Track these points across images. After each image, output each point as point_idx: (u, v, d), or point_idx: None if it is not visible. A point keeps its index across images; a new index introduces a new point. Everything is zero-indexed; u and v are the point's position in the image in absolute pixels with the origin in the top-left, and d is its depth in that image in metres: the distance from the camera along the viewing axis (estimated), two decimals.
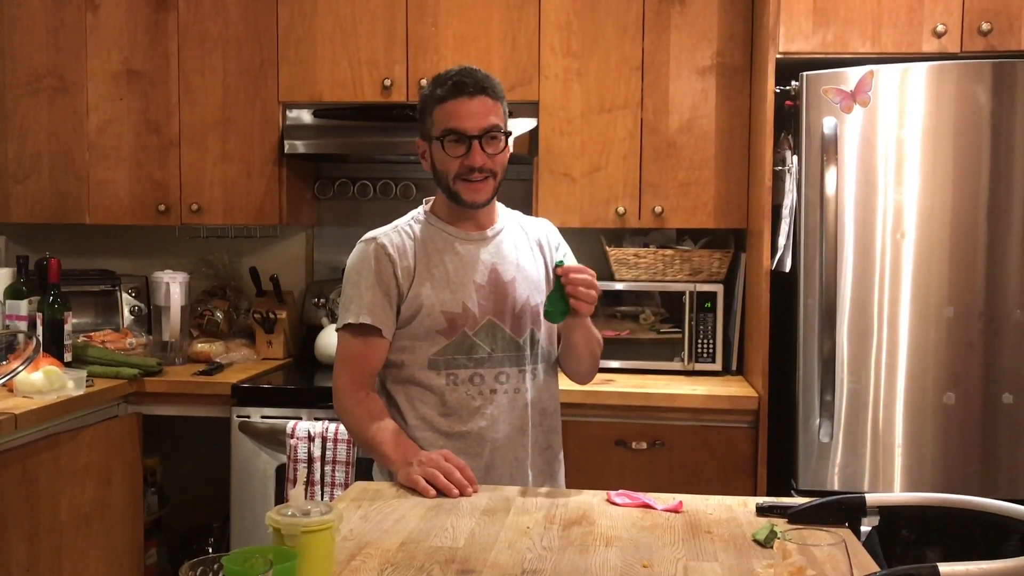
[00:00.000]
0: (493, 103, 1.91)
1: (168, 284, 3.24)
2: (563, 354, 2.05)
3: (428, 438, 1.93)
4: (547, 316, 1.86)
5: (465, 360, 1.94)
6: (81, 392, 2.72)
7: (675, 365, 3.11)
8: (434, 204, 2.05)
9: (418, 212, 2.05)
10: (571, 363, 2.06)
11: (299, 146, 3.23)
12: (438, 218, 2.01)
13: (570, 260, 2.04)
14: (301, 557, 1.17)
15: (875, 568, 1.33)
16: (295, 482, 2.73)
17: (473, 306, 1.94)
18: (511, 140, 1.98)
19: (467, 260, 1.97)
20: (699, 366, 3.10)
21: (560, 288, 1.82)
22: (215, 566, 1.07)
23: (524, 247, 2.04)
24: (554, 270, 1.85)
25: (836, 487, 2.60)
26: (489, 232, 2.01)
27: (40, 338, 2.84)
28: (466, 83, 1.88)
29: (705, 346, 3.10)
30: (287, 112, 3.27)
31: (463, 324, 1.93)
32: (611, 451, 2.81)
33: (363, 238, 2.01)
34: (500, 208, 2.08)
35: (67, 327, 2.94)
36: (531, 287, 2.00)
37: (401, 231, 1.99)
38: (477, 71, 1.92)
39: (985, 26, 2.63)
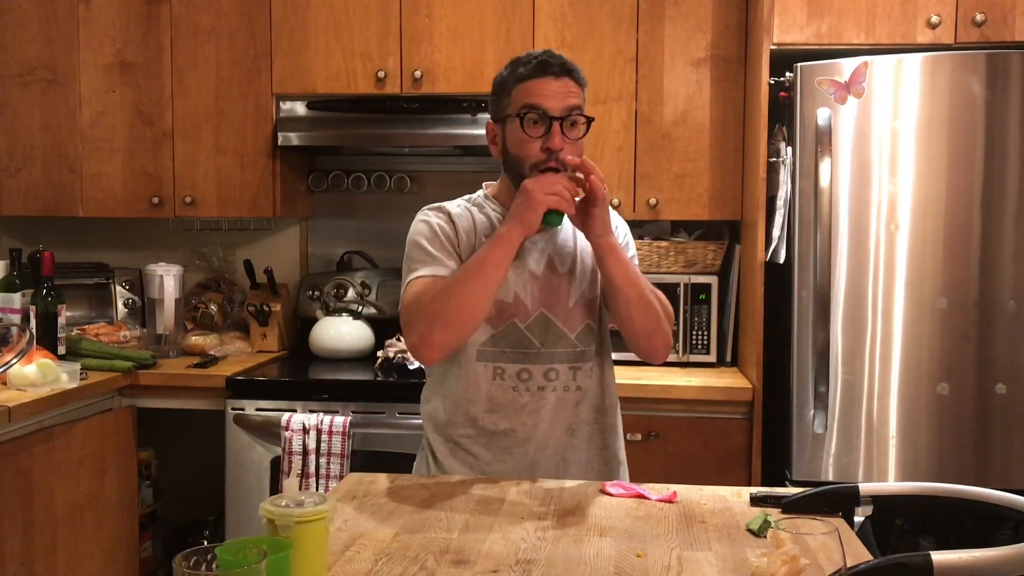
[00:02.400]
0: (577, 87, 1.82)
1: (162, 277, 3.24)
2: (610, 305, 1.86)
3: (469, 435, 1.86)
4: (544, 222, 1.74)
5: (514, 354, 1.83)
6: (75, 385, 2.71)
7: (671, 357, 3.10)
8: (497, 190, 1.94)
9: (477, 196, 1.95)
10: (620, 312, 1.83)
11: (293, 138, 3.23)
12: (500, 204, 1.90)
13: (627, 240, 1.96)
14: (295, 547, 1.16)
15: (868, 557, 1.34)
16: (289, 474, 2.73)
17: (526, 297, 1.84)
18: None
19: (525, 248, 1.83)
20: (694, 358, 3.11)
21: None
22: (209, 556, 1.06)
23: (584, 237, 1.89)
24: None
25: (831, 478, 2.61)
26: (549, 230, 1.88)
27: (33, 331, 2.83)
28: (551, 63, 1.79)
29: (700, 338, 3.10)
30: (281, 104, 3.26)
31: (513, 314, 1.83)
32: None
33: (427, 207, 1.91)
34: None
35: (61, 320, 2.93)
36: (588, 281, 1.89)
37: (463, 207, 1.90)
38: (562, 56, 1.83)
39: (979, 17, 2.63)
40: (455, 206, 1.91)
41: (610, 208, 1.96)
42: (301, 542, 1.18)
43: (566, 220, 1.84)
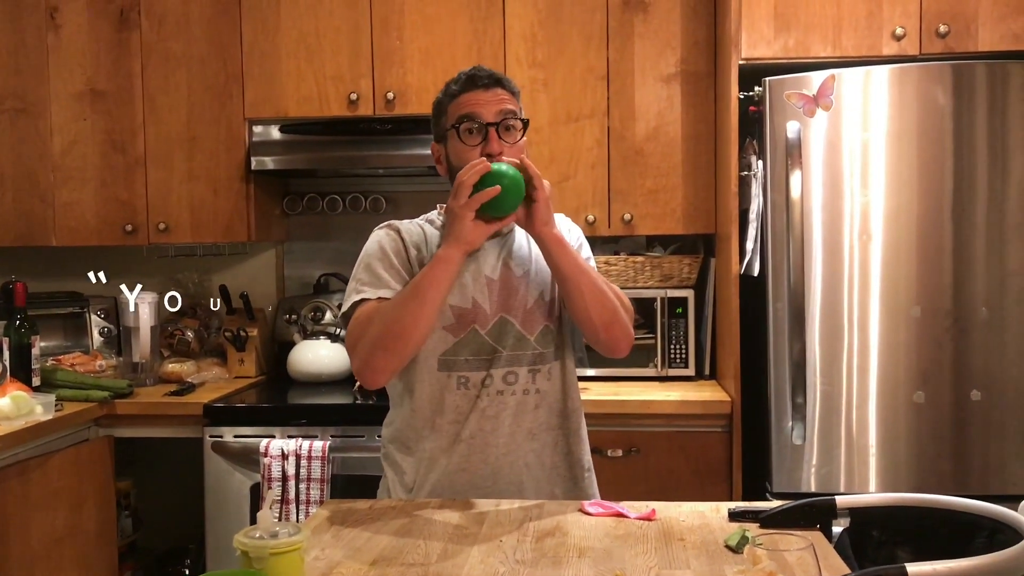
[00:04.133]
0: (508, 95, 1.85)
1: (137, 305, 3.21)
2: (564, 298, 1.86)
3: (436, 447, 1.85)
4: (492, 210, 1.72)
5: (477, 361, 1.84)
6: (50, 417, 2.68)
7: (649, 371, 3.12)
8: None
9: (431, 214, 1.98)
10: (574, 304, 1.82)
11: (267, 162, 3.22)
12: None
13: (580, 242, 1.97)
14: None
15: (846, 570, 1.34)
16: (268, 502, 2.71)
17: (484, 302, 1.85)
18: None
19: (479, 256, 1.86)
20: (672, 372, 3.12)
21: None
22: None
23: None
24: None
25: (812, 489, 2.62)
26: (504, 229, 1.90)
27: (7, 363, 2.81)
28: (480, 76, 1.84)
29: (678, 351, 3.11)
30: (253, 128, 3.25)
31: (472, 320, 1.84)
32: None
33: (379, 225, 1.94)
34: None
35: (35, 351, 2.90)
36: (545, 282, 1.89)
37: (417, 224, 1.95)
38: (491, 69, 1.88)
39: (943, 28, 2.66)
40: (407, 223, 1.94)
41: (564, 217, 1.99)
42: (275, 573, 1.18)
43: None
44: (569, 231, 1.98)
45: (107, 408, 2.95)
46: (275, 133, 3.25)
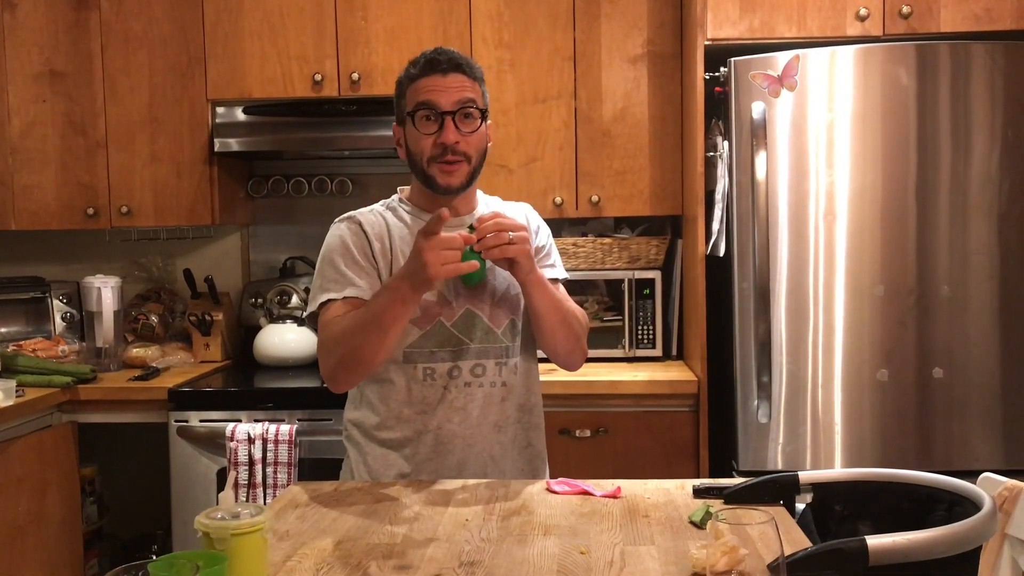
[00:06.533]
0: (469, 81, 1.83)
1: (100, 289, 3.17)
2: (535, 329, 1.90)
3: (401, 437, 1.86)
4: (463, 280, 1.81)
5: (443, 353, 1.84)
6: (11, 403, 2.65)
7: (617, 352, 3.13)
8: (410, 192, 1.96)
9: (392, 200, 1.97)
10: (544, 338, 1.89)
11: (231, 144, 3.18)
12: (414, 205, 1.93)
13: (549, 242, 1.99)
14: (231, 560, 1.15)
15: (808, 544, 1.35)
16: (230, 482, 2.69)
17: (449, 294, 1.85)
18: (487, 122, 1.87)
19: None
20: (640, 352, 3.13)
21: (471, 249, 1.73)
22: (141, 574, 1.04)
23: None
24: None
25: (779, 466, 2.64)
26: (467, 219, 1.88)
27: None
28: (439, 60, 1.81)
29: (645, 332, 3.12)
30: (217, 110, 3.21)
31: (438, 313, 1.84)
32: (555, 440, 2.80)
33: (338, 218, 1.92)
34: (479, 195, 1.98)
35: None
36: (511, 278, 1.86)
37: (376, 213, 1.92)
38: (453, 51, 1.85)
39: (905, 9, 2.67)
40: (368, 213, 1.93)
41: (532, 210, 2.02)
42: (237, 554, 1.17)
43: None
44: (537, 231, 1.98)
45: (70, 393, 2.91)
46: (239, 114, 3.21)
